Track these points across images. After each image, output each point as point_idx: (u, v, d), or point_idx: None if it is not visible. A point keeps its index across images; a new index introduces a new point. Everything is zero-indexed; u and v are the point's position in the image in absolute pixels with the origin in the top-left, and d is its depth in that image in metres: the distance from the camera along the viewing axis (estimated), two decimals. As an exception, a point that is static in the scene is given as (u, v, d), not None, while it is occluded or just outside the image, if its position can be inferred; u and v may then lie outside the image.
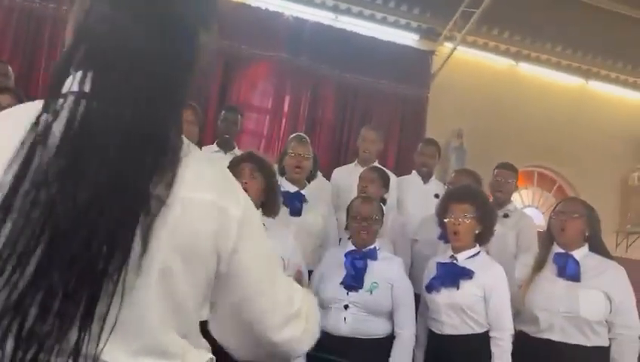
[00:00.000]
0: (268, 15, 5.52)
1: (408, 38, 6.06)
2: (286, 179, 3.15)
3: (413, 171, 4.04)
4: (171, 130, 0.76)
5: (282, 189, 2.71)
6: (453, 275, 2.53)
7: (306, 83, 5.58)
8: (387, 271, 2.60)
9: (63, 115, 0.71)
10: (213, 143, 3.93)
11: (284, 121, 5.54)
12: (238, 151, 3.62)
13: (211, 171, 0.82)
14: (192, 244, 0.77)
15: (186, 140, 0.80)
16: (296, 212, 3.04)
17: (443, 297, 2.54)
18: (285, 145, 3.43)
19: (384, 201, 3.17)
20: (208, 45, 0.81)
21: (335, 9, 5.82)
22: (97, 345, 0.69)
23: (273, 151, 5.26)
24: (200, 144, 3.15)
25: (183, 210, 0.75)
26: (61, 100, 0.73)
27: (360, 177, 3.32)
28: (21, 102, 0.81)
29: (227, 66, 5.38)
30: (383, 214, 2.75)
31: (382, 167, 3.65)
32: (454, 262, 2.58)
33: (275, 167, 2.96)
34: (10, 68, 3.68)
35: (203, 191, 0.78)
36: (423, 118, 5.86)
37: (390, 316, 2.58)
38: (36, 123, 0.70)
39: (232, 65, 5.40)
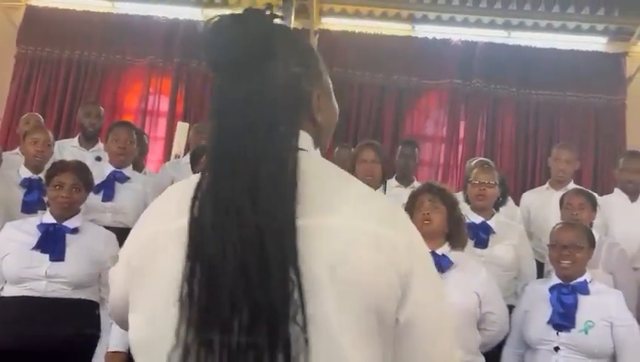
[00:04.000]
0: (436, 44, 5.48)
1: (594, 43, 5.51)
2: (470, 208, 2.97)
3: (616, 189, 3.57)
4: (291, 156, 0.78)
5: (467, 221, 2.55)
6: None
7: (481, 106, 5.38)
8: (604, 307, 2.27)
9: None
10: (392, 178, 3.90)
11: (460, 147, 5.37)
12: (416, 184, 3.54)
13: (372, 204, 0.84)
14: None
15: (344, 172, 0.86)
16: (481, 244, 2.83)
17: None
18: (467, 172, 3.26)
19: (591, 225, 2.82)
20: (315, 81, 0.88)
21: (507, 26, 5.53)
22: None
23: (451, 180, 5.12)
24: (384, 180, 3.16)
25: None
26: None
27: (567, 204, 3.00)
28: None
29: (399, 100, 5.42)
30: (592, 242, 2.43)
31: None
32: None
33: (460, 195, 2.82)
34: None
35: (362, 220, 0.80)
36: (621, 129, 5.19)
37: (614, 358, 2.24)
38: (199, 184, 0.79)
39: (404, 98, 5.43)
